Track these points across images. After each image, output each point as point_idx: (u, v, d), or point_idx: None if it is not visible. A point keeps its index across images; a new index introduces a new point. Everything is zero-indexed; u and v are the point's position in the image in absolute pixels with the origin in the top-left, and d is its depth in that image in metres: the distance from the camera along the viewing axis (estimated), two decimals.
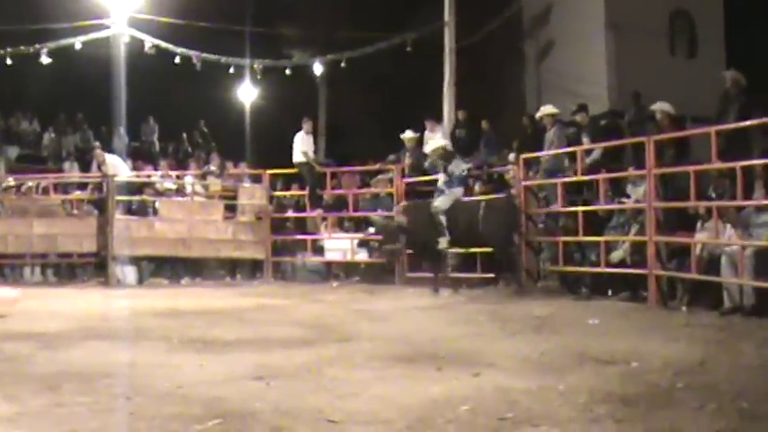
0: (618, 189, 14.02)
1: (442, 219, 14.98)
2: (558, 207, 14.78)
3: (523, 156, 15.61)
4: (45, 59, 22.95)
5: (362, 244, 18.36)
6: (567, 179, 14.78)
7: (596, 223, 13.85)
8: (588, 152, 14.90)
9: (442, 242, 15.00)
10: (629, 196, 13.66)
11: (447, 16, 22.55)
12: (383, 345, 9.07)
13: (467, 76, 22.96)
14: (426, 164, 17.70)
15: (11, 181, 19.68)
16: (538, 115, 16.96)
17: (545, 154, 15.65)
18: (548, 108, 16.69)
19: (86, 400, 6.37)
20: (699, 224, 12.08)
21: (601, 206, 13.88)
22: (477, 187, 17.01)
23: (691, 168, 12.10)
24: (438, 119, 20.12)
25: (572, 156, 15.02)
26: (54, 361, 8.18)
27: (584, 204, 14.44)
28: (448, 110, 22.14)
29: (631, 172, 13.66)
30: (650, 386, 6.63)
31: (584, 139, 15.44)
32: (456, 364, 7.68)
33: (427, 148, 16.03)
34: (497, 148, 18.98)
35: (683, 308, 11.78)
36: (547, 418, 5.70)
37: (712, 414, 5.75)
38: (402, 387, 6.76)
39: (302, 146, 19.01)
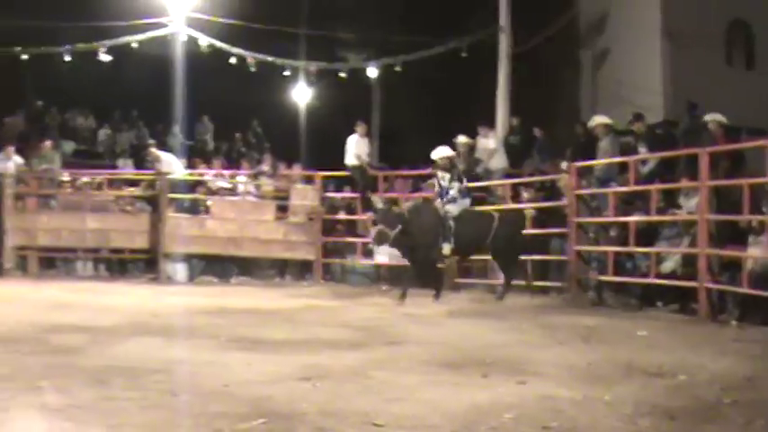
0: (670, 200, 13.91)
1: (452, 224, 14.74)
2: (609, 217, 14.66)
3: (576, 164, 15.51)
4: (103, 57, 23.18)
5: None
6: (619, 189, 14.65)
7: (648, 234, 13.74)
8: (644, 162, 14.80)
9: (446, 248, 14.77)
10: (681, 207, 13.55)
11: (503, 21, 22.49)
12: (430, 349, 9.06)
13: (521, 82, 22.88)
14: (479, 169, 17.72)
15: (66, 175, 19.88)
16: (590, 125, 16.88)
17: (597, 163, 15.54)
18: (600, 118, 16.63)
19: (134, 395, 6.42)
20: (751, 238, 11.96)
21: (653, 217, 13.75)
22: (526, 194, 16.93)
23: (745, 181, 11.96)
24: (491, 124, 20.05)
25: (624, 165, 14.89)
26: (104, 355, 8.27)
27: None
28: (501, 116, 22.08)
29: (684, 183, 13.54)
30: (697, 400, 6.57)
31: (641, 149, 15.31)
32: (502, 372, 7.66)
33: (435, 154, 15.43)
34: (550, 156, 18.88)
35: (733, 322, 11.63)
36: (591, 428, 5.68)
37: (759, 431, 5.69)
38: (448, 392, 6.75)
39: (356, 149, 19.06)
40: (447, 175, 15.07)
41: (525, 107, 22.06)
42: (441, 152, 15.38)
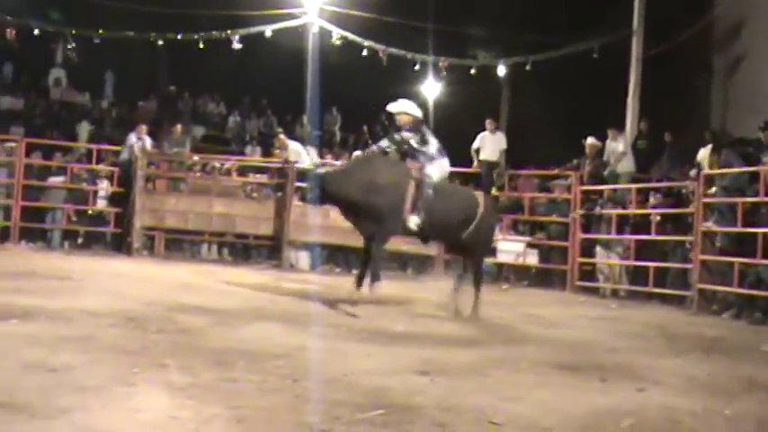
0: None
1: (430, 192, 11.37)
2: (736, 227, 14.32)
3: (704, 172, 15.21)
4: (236, 45, 23.53)
5: (534, 247, 18.26)
6: (746, 199, 14.29)
7: None
8: None
9: (413, 221, 11.32)
10: None
11: (636, 25, 22.19)
12: (549, 350, 9.01)
13: (652, 85, 22.54)
14: (606, 172, 17.56)
15: (196, 159, 20.24)
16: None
17: (726, 171, 15.19)
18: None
19: (255, 379, 6.51)
20: None
21: None
22: (652, 199, 16.67)
23: None
24: (621, 128, 19.79)
25: (754, 176, 14.52)
26: (226, 337, 8.40)
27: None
28: (631, 119, 21.81)
29: None
30: None
31: (766, 158, 14.92)
32: (621, 378, 7.58)
33: (393, 107, 11.78)
34: (679, 163, 18.55)
35: None
36: None
37: None
38: (565, 395, 6.71)
39: (500, 145, 19.27)
40: (415, 136, 11.62)
41: (655, 112, 21.71)
42: (402, 106, 11.79)
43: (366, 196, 11.08)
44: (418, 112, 11.84)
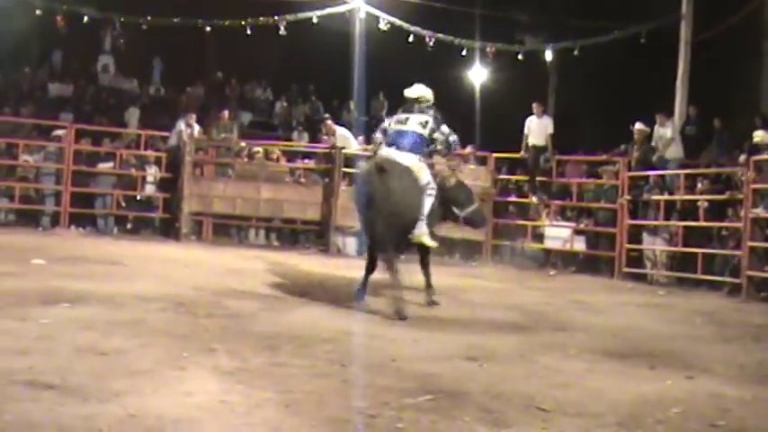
0: None
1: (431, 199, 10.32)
2: None
3: (754, 158, 15.08)
4: (283, 31, 23.58)
5: (581, 233, 18.19)
6: None
7: None
8: None
9: (428, 238, 10.34)
10: None
11: (684, 9, 21.97)
12: (597, 337, 8.99)
13: (700, 71, 22.32)
14: (654, 158, 17.45)
15: (243, 144, 20.33)
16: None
17: None
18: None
19: (303, 363, 6.55)
20: None
21: None
22: (700, 185, 16.52)
23: None
24: (669, 113, 19.62)
25: None
26: (274, 322, 8.45)
27: None
28: (680, 104, 21.60)
29: None
30: None
31: None
32: (669, 365, 7.54)
33: (413, 91, 10.83)
34: (729, 149, 18.38)
35: None
36: (761, 429, 5.56)
37: None
38: (614, 382, 6.69)
39: (547, 129, 19.30)
40: (427, 120, 10.59)
41: (703, 97, 21.52)
42: (422, 90, 10.89)
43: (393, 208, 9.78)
44: (432, 96, 10.94)
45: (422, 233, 10.12)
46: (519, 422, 5.35)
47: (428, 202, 10.12)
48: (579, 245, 18.10)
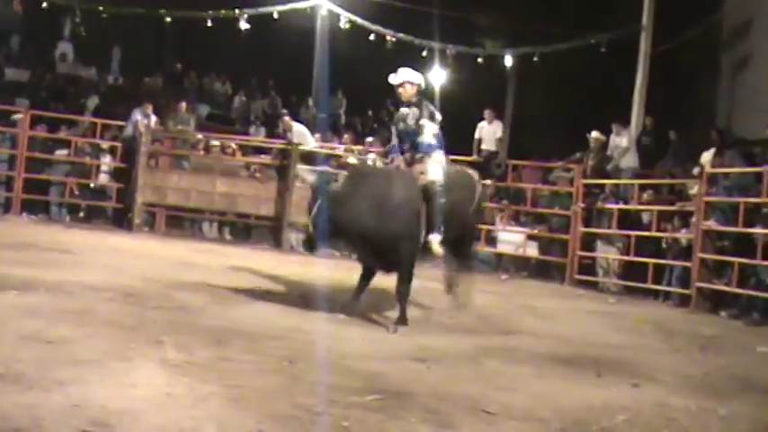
0: None
1: (440, 200, 9.48)
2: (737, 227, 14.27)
3: (708, 170, 15.20)
4: (243, 25, 23.50)
5: (534, 239, 18.26)
6: (749, 199, 14.23)
7: None
8: None
9: (436, 242, 9.57)
10: None
11: (645, 20, 22.12)
12: (546, 343, 9.04)
13: (658, 82, 22.49)
14: (609, 167, 17.59)
15: (199, 137, 20.23)
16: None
17: (731, 170, 15.16)
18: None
19: (251, 359, 6.55)
20: None
21: None
22: (645, 195, 16.62)
23: None
24: (626, 122, 19.75)
25: (759, 176, 14.46)
26: (224, 316, 8.44)
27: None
28: (636, 115, 21.73)
29: None
30: None
31: None
32: (616, 372, 7.62)
33: (398, 77, 10.03)
34: (683, 160, 18.53)
35: None
36: None
37: None
38: (560, 388, 6.74)
39: (495, 134, 19.34)
40: (413, 111, 9.90)
41: (660, 108, 21.68)
42: (405, 75, 10.08)
43: (377, 221, 9.12)
44: (422, 81, 10.12)
45: (435, 240, 9.46)
46: (464, 424, 5.38)
47: (437, 204, 9.39)
48: (532, 250, 18.16)
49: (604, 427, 5.63)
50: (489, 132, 19.54)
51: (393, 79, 10.04)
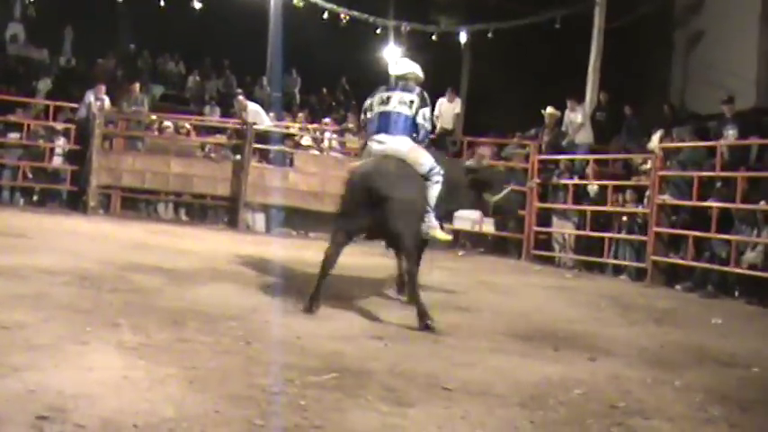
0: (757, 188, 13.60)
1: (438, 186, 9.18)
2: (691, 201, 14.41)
3: (662, 145, 15.33)
4: (197, 4, 23.36)
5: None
6: (703, 173, 14.36)
7: (729, 221, 13.50)
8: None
9: (441, 233, 9.41)
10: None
11: None
12: (503, 318, 9.09)
13: (612, 58, 22.57)
14: (564, 143, 17.68)
15: (153, 118, 20.11)
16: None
17: (684, 145, 15.29)
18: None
19: (208, 340, 6.54)
20: None
21: (735, 205, 13.47)
22: (589, 171, 16.75)
23: None
24: (580, 99, 19.84)
25: (711, 150, 14.58)
26: (180, 298, 8.41)
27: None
28: (591, 91, 21.82)
29: None
30: None
31: (730, 132, 14.99)
32: (573, 347, 7.67)
33: (399, 69, 9.88)
34: (638, 135, 18.65)
35: None
36: (659, 411, 5.66)
37: None
38: (518, 363, 6.78)
39: (454, 110, 19.67)
40: (412, 99, 9.32)
41: (615, 84, 21.77)
42: (410, 66, 9.90)
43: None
44: (418, 68, 9.85)
45: (432, 227, 9.09)
46: (422, 401, 5.39)
47: (435, 191, 9.08)
48: (488, 227, 18.20)
49: (561, 401, 5.66)
50: (449, 109, 19.67)
51: (399, 70, 9.83)
